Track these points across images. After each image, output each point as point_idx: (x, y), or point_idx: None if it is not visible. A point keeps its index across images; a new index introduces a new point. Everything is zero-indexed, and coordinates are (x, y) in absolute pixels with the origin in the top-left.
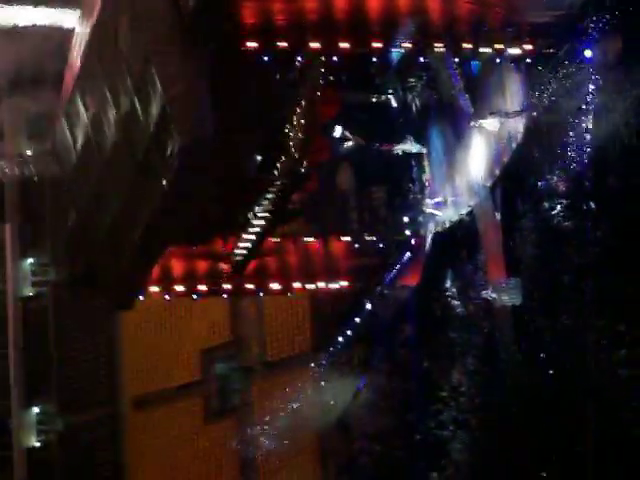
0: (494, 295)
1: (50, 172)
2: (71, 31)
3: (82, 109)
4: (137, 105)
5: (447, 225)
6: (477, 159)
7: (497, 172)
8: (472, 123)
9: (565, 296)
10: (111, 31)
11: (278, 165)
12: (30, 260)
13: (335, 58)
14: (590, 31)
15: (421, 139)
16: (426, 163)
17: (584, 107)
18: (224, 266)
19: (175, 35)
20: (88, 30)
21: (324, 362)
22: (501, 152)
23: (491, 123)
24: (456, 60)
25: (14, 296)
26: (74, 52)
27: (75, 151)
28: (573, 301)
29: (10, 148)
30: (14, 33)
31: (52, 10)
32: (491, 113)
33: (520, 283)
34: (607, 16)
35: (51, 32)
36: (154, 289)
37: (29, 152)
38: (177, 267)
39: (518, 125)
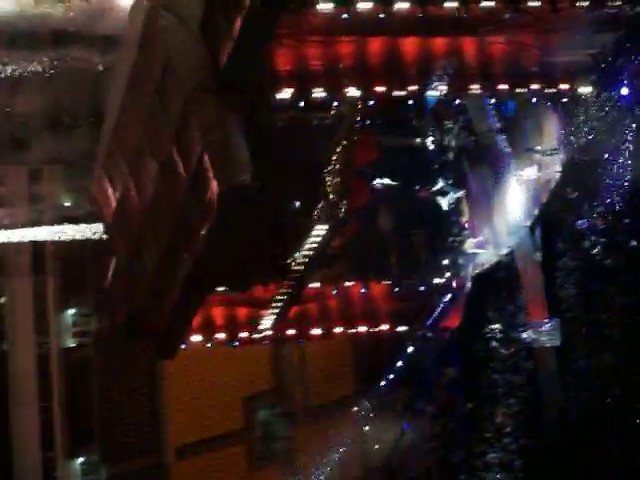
0: (534, 336)
1: (91, 221)
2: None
3: (120, 158)
4: (175, 155)
5: (487, 266)
6: (515, 199)
7: (536, 212)
8: (511, 173)
9: (606, 334)
10: (148, 81)
11: (317, 210)
12: (72, 311)
13: (371, 102)
14: (625, 69)
15: (459, 181)
16: (465, 205)
17: (621, 145)
18: (265, 313)
19: (212, 83)
20: (125, 80)
21: (367, 406)
22: (539, 192)
23: (529, 173)
24: (492, 101)
25: (57, 347)
26: (111, 100)
27: (115, 200)
28: (614, 339)
29: (47, 191)
30: (49, 76)
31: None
32: (527, 150)
33: (559, 324)
34: None
35: (84, 74)
36: (196, 337)
37: (69, 200)
38: (218, 315)
39: (555, 164)
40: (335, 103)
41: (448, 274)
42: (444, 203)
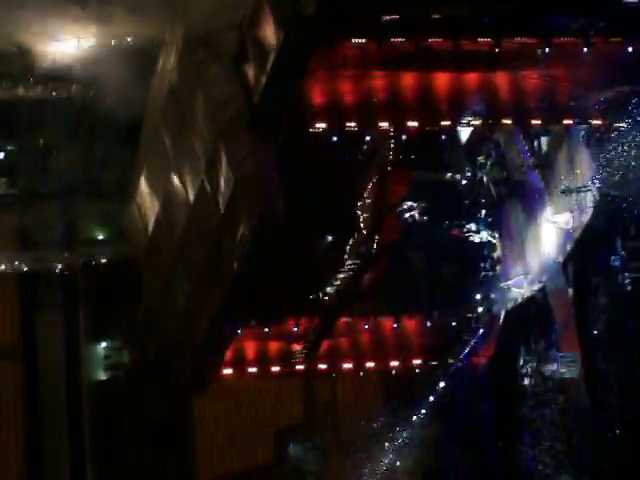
0: (553, 368)
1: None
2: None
3: (152, 192)
4: (207, 188)
5: (520, 302)
6: (548, 235)
7: (569, 248)
8: (546, 218)
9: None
10: (181, 115)
11: (349, 245)
12: (104, 344)
13: (404, 137)
14: None
15: (491, 217)
16: (497, 240)
17: None
18: (297, 347)
19: (245, 117)
20: (157, 114)
21: (399, 441)
22: (572, 228)
23: (564, 219)
24: (525, 136)
25: (88, 380)
26: (143, 136)
27: (146, 234)
28: None
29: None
30: None
31: None
32: (561, 186)
33: (577, 356)
34: None
35: None
36: (227, 371)
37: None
38: (250, 349)
39: (588, 200)
40: (368, 138)
41: (480, 309)
42: (477, 241)
